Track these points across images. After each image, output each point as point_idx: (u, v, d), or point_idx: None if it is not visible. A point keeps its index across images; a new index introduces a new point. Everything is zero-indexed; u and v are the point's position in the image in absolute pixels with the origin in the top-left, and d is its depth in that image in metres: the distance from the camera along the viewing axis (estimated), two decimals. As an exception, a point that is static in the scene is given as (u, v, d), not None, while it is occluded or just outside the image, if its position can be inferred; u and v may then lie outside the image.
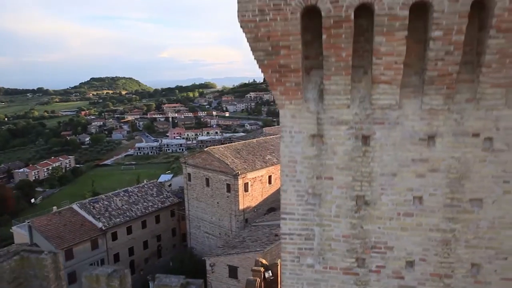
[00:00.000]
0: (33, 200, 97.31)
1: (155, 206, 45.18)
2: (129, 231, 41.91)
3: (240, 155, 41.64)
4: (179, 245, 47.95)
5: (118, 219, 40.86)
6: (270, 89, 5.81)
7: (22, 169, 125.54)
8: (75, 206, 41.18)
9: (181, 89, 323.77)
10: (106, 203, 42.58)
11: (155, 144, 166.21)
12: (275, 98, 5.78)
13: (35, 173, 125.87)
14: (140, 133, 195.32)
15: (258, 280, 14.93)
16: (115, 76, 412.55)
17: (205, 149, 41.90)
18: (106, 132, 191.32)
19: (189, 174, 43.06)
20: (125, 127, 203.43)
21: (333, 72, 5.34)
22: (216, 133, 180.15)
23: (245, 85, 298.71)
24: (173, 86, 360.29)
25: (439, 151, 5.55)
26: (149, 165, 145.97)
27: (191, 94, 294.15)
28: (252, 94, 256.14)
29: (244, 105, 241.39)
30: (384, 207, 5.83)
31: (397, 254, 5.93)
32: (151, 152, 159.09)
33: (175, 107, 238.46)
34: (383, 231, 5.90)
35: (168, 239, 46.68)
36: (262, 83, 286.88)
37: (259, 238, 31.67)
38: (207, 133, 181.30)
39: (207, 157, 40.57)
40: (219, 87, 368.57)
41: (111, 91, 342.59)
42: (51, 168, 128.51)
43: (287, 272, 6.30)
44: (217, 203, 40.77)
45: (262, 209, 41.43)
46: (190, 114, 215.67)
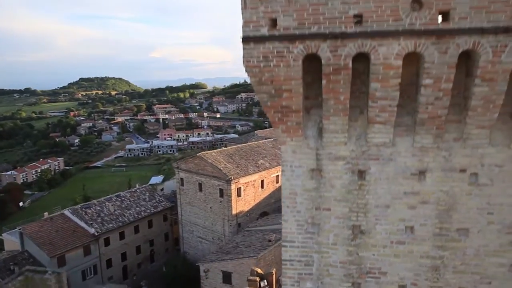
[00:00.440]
0: (21, 203, 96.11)
1: (148, 211, 45.20)
2: (122, 236, 41.88)
3: (232, 160, 41.94)
4: (172, 249, 48.03)
5: (110, 225, 40.80)
6: (272, 125, 6.18)
7: (9, 172, 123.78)
8: (67, 212, 41.01)
9: (171, 89, 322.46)
10: (98, 208, 42.47)
11: (145, 145, 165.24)
12: (277, 135, 6.16)
13: (23, 175, 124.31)
14: (130, 135, 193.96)
15: (253, 290, 15.28)
16: (104, 76, 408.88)
17: (198, 154, 42.08)
18: (95, 133, 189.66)
19: (182, 179, 43.19)
20: (115, 128, 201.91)
21: (332, 113, 5.74)
22: (207, 134, 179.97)
23: (236, 85, 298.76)
24: (163, 86, 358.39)
25: (429, 185, 6.00)
26: (139, 167, 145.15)
27: (181, 94, 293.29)
28: (243, 95, 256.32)
29: (235, 106, 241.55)
30: (378, 235, 6.25)
31: (390, 279, 6.35)
32: (142, 153, 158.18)
33: (165, 108, 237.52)
34: (377, 257, 6.32)
35: (160, 243, 46.73)
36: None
37: (253, 243, 32.03)
38: (198, 134, 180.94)
39: (200, 162, 40.76)
40: (210, 87, 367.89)
41: (100, 92, 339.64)
42: (39, 170, 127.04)
43: (287, 296, 6.67)
44: (210, 208, 41.00)
45: (254, 214, 41.80)
46: (181, 115, 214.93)
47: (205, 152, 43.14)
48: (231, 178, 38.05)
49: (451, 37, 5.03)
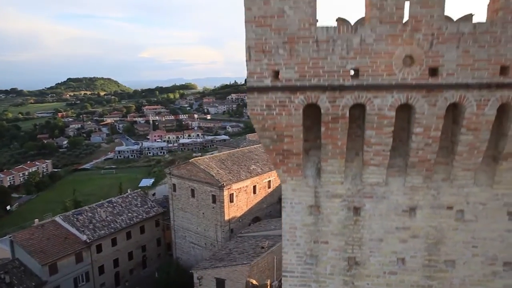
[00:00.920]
0: (8, 207, 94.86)
1: (140, 216, 45.21)
2: (114, 242, 41.83)
3: (225, 166, 42.23)
4: (164, 254, 48.10)
5: (102, 231, 40.73)
6: (274, 167, 6.57)
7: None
8: (58, 218, 40.81)
9: (161, 90, 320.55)
10: (90, 214, 42.34)
11: (135, 147, 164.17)
12: (278, 174, 6.56)
13: (10, 178, 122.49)
14: (120, 136, 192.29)
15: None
16: (93, 76, 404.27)
17: (190, 160, 42.24)
18: (84, 135, 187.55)
19: (174, 184, 43.32)
20: (104, 129, 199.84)
21: (330, 156, 6.16)
22: (197, 135, 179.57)
23: (226, 86, 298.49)
24: (153, 86, 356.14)
25: (419, 221, 6.47)
26: (129, 169, 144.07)
27: (171, 95, 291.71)
28: (233, 95, 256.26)
29: (225, 107, 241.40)
30: (372, 266, 6.70)
31: (383, 306, 6.81)
32: (132, 155, 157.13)
33: (155, 109, 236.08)
34: (371, 287, 6.77)
35: (153, 249, 46.77)
36: (243, 85, 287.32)
37: (246, 250, 32.38)
38: (189, 135, 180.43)
39: (192, 168, 40.94)
40: (200, 88, 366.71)
41: (89, 92, 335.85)
42: (27, 173, 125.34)
43: (287, 322, 7.07)
44: (203, 213, 41.23)
45: (247, 219, 42.16)
46: (171, 116, 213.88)
47: (197, 158, 43.32)
48: (223, 184, 38.34)
49: (440, 91, 5.49)
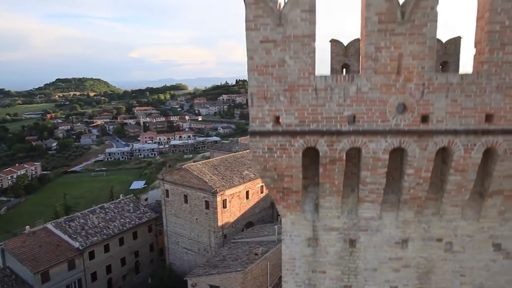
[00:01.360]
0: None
1: (132, 222, 45.17)
2: (107, 249, 41.75)
3: (218, 172, 42.46)
4: (157, 259, 48.13)
5: (95, 238, 40.62)
6: (274, 202, 6.91)
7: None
8: (50, 225, 40.57)
9: (152, 90, 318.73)
10: (82, 221, 42.19)
11: (126, 149, 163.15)
12: (278, 209, 6.90)
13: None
14: (110, 138, 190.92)
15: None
16: (82, 77, 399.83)
17: (183, 166, 42.37)
18: (74, 136, 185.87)
19: (167, 190, 43.39)
20: (94, 131, 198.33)
21: (327, 194, 6.53)
22: (188, 137, 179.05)
23: (217, 87, 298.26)
24: (143, 87, 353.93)
25: (410, 252, 6.87)
26: (120, 171, 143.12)
27: (162, 96, 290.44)
28: (224, 96, 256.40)
29: (216, 108, 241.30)
30: (367, 294, 7.08)
31: (378, 331, 7.19)
32: (122, 157, 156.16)
33: (146, 110, 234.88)
34: (366, 313, 7.15)
35: (145, 254, 46.77)
36: (234, 85, 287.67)
37: (239, 256, 32.67)
38: (180, 137, 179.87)
39: (185, 174, 41.08)
40: (190, 88, 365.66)
41: (78, 93, 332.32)
42: (15, 176, 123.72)
43: None
44: (196, 219, 41.41)
45: (240, 224, 42.46)
46: (162, 118, 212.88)
47: (190, 164, 43.48)
48: (216, 190, 38.58)
49: (430, 136, 5.89)
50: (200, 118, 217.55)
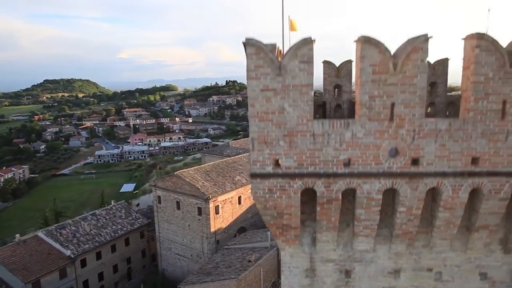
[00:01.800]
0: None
1: (124, 228, 45.07)
2: (99, 256, 41.62)
3: (210, 178, 42.63)
4: (149, 265, 48.11)
5: (87, 245, 40.47)
6: (274, 237, 7.22)
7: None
8: (41, 234, 40.27)
9: (141, 91, 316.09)
10: (73, 228, 41.96)
11: (116, 151, 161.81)
12: (277, 243, 7.22)
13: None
14: (99, 140, 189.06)
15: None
16: (71, 77, 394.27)
17: (175, 173, 42.40)
18: (63, 139, 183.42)
19: (159, 197, 43.41)
20: (84, 133, 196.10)
21: (324, 229, 6.88)
22: (179, 138, 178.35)
23: (207, 88, 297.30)
24: (133, 88, 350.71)
25: (402, 281, 7.27)
26: (110, 173, 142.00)
27: (152, 97, 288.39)
28: (214, 97, 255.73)
29: (206, 109, 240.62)
30: (362, 322, 7.45)
31: None
32: (112, 159, 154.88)
33: (136, 111, 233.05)
34: None
35: (138, 260, 46.72)
36: (224, 86, 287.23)
37: (233, 263, 32.94)
38: (170, 139, 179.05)
39: (177, 181, 41.14)
40: (180, 89, 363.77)
41: (66, 94, 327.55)
42: (2, 179, 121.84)
43: None
44: (188, 225, 41.52)
45: (232, 229, 42.70)
46: (152, 120, 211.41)
47: (182, 170, 43.51)
48: (209, 197, 38.75)
49: (421, 178, 6.28)
50: (190, 120, 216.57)
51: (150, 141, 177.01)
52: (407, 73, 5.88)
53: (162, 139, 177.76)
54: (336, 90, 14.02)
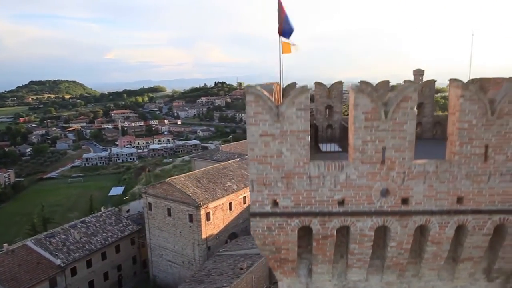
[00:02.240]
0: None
1: (115, 236, 44.89)
2: (89, 264, 41.40)
3: (201, 184, 42.78)
4: (140, 272, 48.03)
5: (77, 254, 40.22)
6: (272, 269, 7.55)
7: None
8: (29, 243, 39.84)
9: (129, 93, 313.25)
10: (63, 237, 41.64)
11: (104, 154, 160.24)
12: (275, 275, 7.56)
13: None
14: (87, 142, 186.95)
15: None
16: (57, 79, 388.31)
17: (166, 180, 42.43)
18: (49, 141, 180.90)
19: (150, 203, 43.40)
20: (71, 135, 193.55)
21: (320, 262, 7.25)
22: (168, 140, 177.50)
23: (196, 89, 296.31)
24: (120, 89, 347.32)
25: (394, 308, 7.66)
26: (98, 176, 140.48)
27: (140, 98, 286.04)
28: (203, 99, 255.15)
29: (195, 111, 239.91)
30: None
31: None
32: (100, 162, 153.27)
33: (124, 113, 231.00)
34: None
35: (128, 267, 46.57)
36: (213, 88, 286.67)
37: (224, 270, 33.19)
38: (159, 141, 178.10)
39: (168, 188, 41.20)
40: (169, 90, 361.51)
41: (53, 95, 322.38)
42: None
43: None
44: (180, 232, 41.62)
45: (224, 236, 42.94)
46: (140, 122, 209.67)
47: (173, 177, 43.55)
48: (200, 204, 38.92)
49: (410, 216, 6.69)
50: (179, 122, 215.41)
51: (138, 143, 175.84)
52: (397, 120, 6.28)
53: (150, 141, 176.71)
54: (327, 110, 14.45)
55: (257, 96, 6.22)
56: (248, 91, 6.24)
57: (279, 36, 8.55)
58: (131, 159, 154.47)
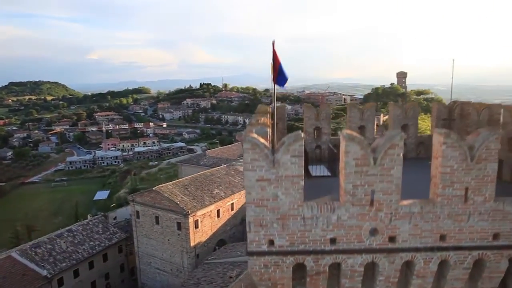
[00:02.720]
0: None
1: (102, 244, 44.54)
2: (76, 274, 40.98)
3: (188, 192, 42.85)
4: (128, 280, 47.77)
5: (64, 264, 39.75)
6: None
7: None
8: (14, 254, 39.17)
9: (113, 94, 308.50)
10: (49, 246, 41.09)
11: (88, 157, 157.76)
12: (271, 307, 7.93)
13: None
14: (70, 145, 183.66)
15: None
16: (38, 80, 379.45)
17: (153, 188, 42.32)
18: (31, 144, 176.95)
19: (138, 211, 43.21)
20: (53, 138, 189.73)
21: (313, 296, 7.65)
22: (153, 143, 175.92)
23: (181, 91, 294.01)
24: (104, 90, 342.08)
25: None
26: (82, 180, 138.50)
27: (124, 100, 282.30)
28: (189, 100, 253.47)
29: (181, 112, 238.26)
30: None
31: None
32: (84, 166, 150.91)
33: (108, 115, 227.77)
34: None
35: (116, 275, 46.27)
36: (198, 89, 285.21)
37: (214, 279, 33.40)
38: (144, 143, 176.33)
39: (156, 196, 41.12)
40: (153, 91, 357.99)
41: (34, 97, 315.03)
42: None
43: None
44: (168, 240, 41.58)
45: (212, 243, 43.10)
46: (125, 124, 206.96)
47: (161, 185, 43.44)
48: (188, 212, 39.00)
49: (397, 253, 7.17)
50: (165, 124, 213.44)
51: (123, 146, 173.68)
52: (385, 165, 6.74)
53: (136, 144, 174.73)
54: (315, 131, 14.94)
55: (254, 144, 6.59)
56: (245, 140, 6.61)
57: (273, 84, 8.94)
58: (116, 162, 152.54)
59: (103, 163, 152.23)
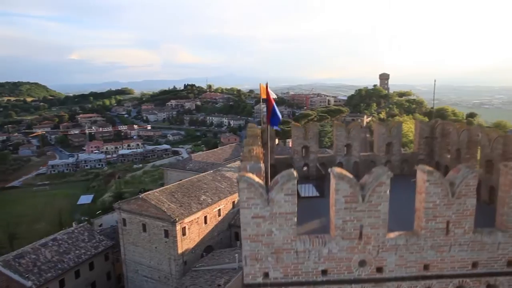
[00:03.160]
0: None
1: (88, 252, 44.06)
2: (62, 284, 40.46)
3: (175, 198, 42.84)
4: (115, 287, 47.42)
5: (49, 274, 39.21)
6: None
7: None
8: (-3, 264, 38.49)
9: (96, 95, 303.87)
10: (33, 256, 40.46)
11: (70, 160, 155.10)
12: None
13: None
14: (52, 148, 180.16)
15: None
16: (17, 80, 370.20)
17: (140, 195, 42.14)
18: (11, 148, 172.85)
19: (124, 219, 42.96)
20: (34, 141, 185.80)
21: (306, 322, 8.03)
22: (137, 145, 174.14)
23: (165, 92, 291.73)
24: (86, 91, 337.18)
25: None
26: (65, 184, 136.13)
27: (107, 101, 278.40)
28: (173, 102, 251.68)
29: (165, 114, 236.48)
30: None
31: None
32: (67, 169, 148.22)
33: (91, 117, 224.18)
34: None
35: (103, 284, 45.86)
36: (183, 90, 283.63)
37: (202, 287, 33.58)
38: (128, 145, 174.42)
39: (142, 204, 40.95)
40: (137, 92, 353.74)
41: (13, 98, 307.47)
42: None
43: None
44: (155, 247, 41.48)
45: (199, 249, 43.19)
46: (109, 126, 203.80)
47: (148, 193, 43.31)
48: (176, 219, 39.01)
49: (384, 282, 7.63)
50: (149, 127, 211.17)
51: (107, 148, 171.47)
52: (373, 202, 7.18)
53: (120, 147, 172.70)
54: (303, 150, 15.37)
55: (250, 184, 6.93)
56: (241, 179, 6.94)
57: (268, 125, 9.31)
58: (99, 165, 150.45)
59: (86, 166, 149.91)
